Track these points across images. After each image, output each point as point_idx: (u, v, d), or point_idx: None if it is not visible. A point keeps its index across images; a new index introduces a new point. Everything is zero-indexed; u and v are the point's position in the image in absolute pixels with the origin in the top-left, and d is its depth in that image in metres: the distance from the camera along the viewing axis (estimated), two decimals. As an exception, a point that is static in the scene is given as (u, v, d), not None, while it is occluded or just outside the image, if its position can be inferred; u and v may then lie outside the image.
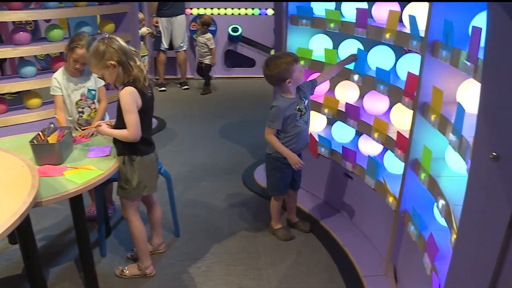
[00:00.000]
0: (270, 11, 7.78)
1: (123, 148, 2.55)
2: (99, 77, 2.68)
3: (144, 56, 6.19)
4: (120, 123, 2.50)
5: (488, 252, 1.54)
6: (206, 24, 6.92)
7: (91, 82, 3.02)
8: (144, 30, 6.30)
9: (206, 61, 7.02)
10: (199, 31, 7.00)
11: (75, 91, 2.96)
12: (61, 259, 2.92)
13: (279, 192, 3.12)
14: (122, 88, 2.44)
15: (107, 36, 2.47)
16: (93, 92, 3.00)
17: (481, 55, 1.76)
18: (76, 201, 2.38)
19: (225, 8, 7.74)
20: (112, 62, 2.40)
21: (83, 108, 3.00)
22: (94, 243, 3.01)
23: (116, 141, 2.57)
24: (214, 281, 2.75)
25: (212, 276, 2.79)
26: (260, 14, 7.80)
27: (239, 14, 7.82)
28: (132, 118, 2.42)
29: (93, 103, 3.04)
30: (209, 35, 6.95)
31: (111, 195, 3.42)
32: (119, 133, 2.50)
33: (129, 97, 2.41)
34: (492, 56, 1.51)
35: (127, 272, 2.78)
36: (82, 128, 2.96)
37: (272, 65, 2.79)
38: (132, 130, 2.44)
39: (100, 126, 2.56)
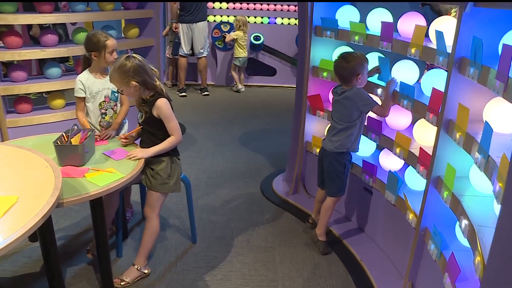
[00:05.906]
0: (279, 20, 7.82)
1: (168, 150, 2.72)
2: (118, 92, 2.75)
3: None
4: (153, 132, 2.69)
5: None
6: None
7: None
8: None
9: None
10: None
11: (99, 92, 2.98)
12: (79, 259, 2.94)
13: (344, 191, 3.13)
14: (155, 100, 2.59)
15: (131, 54, 2.59)
16: (116, 94, 3.02)
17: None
18: (96, 203, 2.40)
19: (248, 17, 7.76)
20: (134, 83, 2.54)
21: (106, 109, 3.03)
22: (111, 245, 3.03)
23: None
24: (230, 290, 2.75)
25: (228, 285, 2.78)
26: (269, 23, 7.83)
27: (262, 22, 7.85)
28: (175, 124, 2.65)
29: (116, 105, 3.07)
30: None
31: (129, 198, 3.45)
32: (164, 145, 2.68)
33: (167, 106, 2.62)
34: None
35: (127, 279, 2.73)
36: (103, 130, 3.01)
37: (350, 57, 2.87)
38: (178, 134, 2.67)
39: (134, 153, 2.65)
